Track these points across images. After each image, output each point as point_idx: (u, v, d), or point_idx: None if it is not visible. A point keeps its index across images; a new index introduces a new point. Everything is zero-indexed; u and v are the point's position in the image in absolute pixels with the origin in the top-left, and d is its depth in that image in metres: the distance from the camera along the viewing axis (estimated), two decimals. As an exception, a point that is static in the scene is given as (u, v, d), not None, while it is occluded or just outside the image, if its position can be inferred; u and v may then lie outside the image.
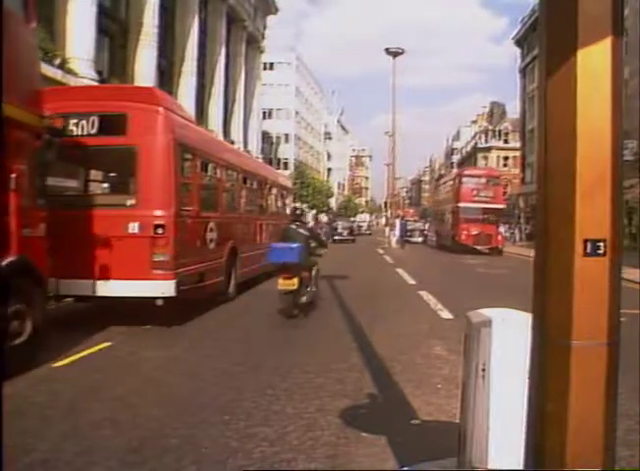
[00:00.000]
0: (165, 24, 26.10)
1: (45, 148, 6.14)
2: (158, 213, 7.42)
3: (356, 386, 5.11)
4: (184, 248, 7.86)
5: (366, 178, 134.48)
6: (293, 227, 9.11)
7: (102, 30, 20.77)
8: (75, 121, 7.58)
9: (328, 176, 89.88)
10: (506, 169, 66.50)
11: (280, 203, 16.16)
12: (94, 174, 8.62)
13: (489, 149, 68.92)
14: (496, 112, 73.46)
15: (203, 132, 12.01)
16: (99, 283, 7.31)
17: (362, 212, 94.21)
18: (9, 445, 3.09)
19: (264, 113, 53.01)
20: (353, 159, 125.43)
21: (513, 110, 62.93)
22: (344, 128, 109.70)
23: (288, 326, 8.08)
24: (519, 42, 51.87)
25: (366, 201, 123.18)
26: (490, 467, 2.76)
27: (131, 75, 22.86)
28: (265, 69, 51.56)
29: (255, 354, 6.35)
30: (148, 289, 7.39)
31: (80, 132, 7.61)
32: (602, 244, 1.75)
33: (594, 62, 1.74)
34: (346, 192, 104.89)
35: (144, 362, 6.05)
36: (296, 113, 71.30)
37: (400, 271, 16.78)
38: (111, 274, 7.30)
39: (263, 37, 43.63)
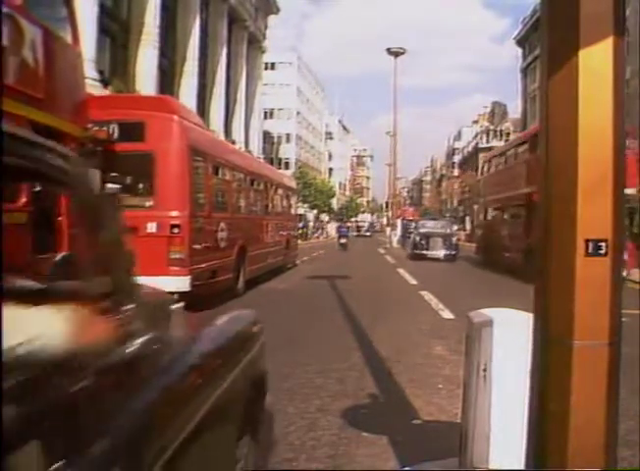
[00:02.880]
0: (166, 23, 26.11)
1: (89, 156, 6.73)
2: (174, 214, 7.98)
3: (357, 385, 5.12)
4: (197, 247, 8.39)
5: (367, 178, 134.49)
6: (343, 223, 45.04)
7: (103, 30, 20.79)
8: (97, 128, 8.05)
9: (329, 176, 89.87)
10: (507, 169, 66.57)
11: (285, 203, 16.90)
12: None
13: (490, 149, 68.81)
14: (497, 112, 73.49)
15: (214, 138, 13.09)
16: None
17: (364, 212, 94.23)
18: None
19: (265, 113, 53.02)
20: (355, 159, 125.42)
21: (515, 110, 62.93)
22: (345, 127, 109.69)
23: (289, 324, 8.08)
24: (521, 42, 51.88)
25: (367, 201, 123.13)
26: (491, 467, 2.76)
27: (132, 75, 22.88)
28: (266, 69, 51.58)
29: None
30: (164, 285, 7.58)
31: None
32: (603, 244, 1.75)
33: (595, 62, 1.74)
34: (347, 192, 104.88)
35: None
36: (298, 113, 71.32)
37: (400, 271, 16.78)
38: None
39: (264, 37, 43.64)
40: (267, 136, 55.11)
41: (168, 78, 27.00)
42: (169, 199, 8.11)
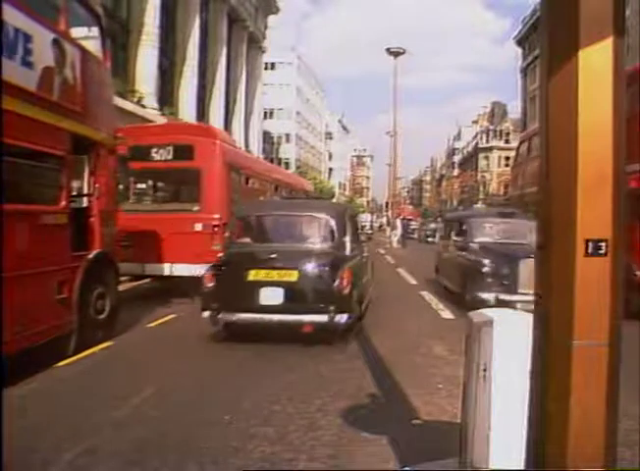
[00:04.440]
0: (166, 23, 26.07)
1: (119, 162, 7.68)
2: (215, 216, 10.08)
3: (357, 385, 5.11)
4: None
5: (367, 177, 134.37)
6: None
7: (103, 30, 20.76)
8: (156, 149, 10.42)
9: (329, 176, 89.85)
10: (507, 169, 66.62)
11: None
12: (171, 188, 11.90)
13: (490, 149, 68.92)
14: (497, 112, 73.45)
15: (246, 155, 16.57)
16: (174, 266, 10.01)
17: (363, 212, 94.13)
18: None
19: (265, 113, 52.92)
20: (355, 159, 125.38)
21: (514, 110, 62.89)
22: (345, 127, 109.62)
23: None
24: (520, 42, 51.82)
25: (367, 201, 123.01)
26: (491, 467, 2.76)
27: (132, 74, 22.86)
28: (266, 69, 51.50)
29: (258, 352, 6.35)
30: None
31: (160, 158, 10.43)
32: (603, 244, 1.75)
33: (595, 62, 1.74)
34: (347, 192, 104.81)
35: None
36: (297, 113, 71.31)
37: (400, 271, 16.77)
38: (182, 259, 9.85)
39: (264, 37, 43.57)
40: (267, 136, 55.05)
41: (168, 77, 26.93)
42: (211, 205, 10.19)
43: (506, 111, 71.36)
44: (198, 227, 9.99)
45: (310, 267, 6.73)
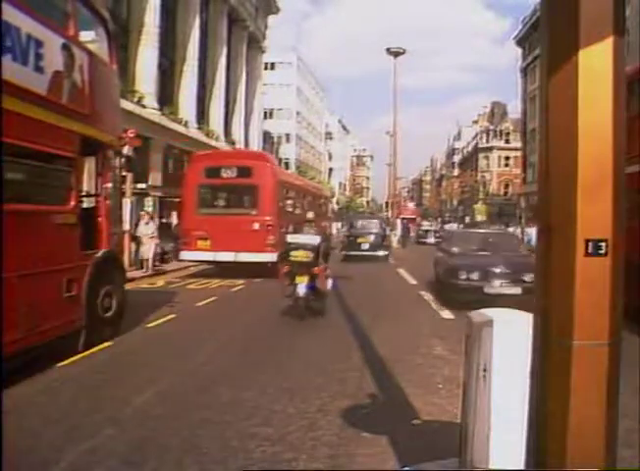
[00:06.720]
0: (166, 23, 26.05)
1: (126, 162, 8.09)
2: (268, 218, 14.00)
3: (357, 386, 5.12)
4: (280, 236, 13.06)
5: (367, 178, 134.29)
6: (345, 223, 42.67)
7: (103, 30, 20.72)
8: (225, 169, 14.60)
9: (329, 176, 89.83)
10: (507, 169, 66.64)
11: (324, 208, 26.24)
12: (236, 198, 15.86)
13: (490, 149, 68.91)
14: (497, 112, 73.41)
15: (290, 173, 27.73)
16: (238, 254, 13.76)
17: (363, 212, 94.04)
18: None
19: (265, 113, 52.89)
20: (355, 159, 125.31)
21: (514, 110, 62.84)
22: (345, 127, 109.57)
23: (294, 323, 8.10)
24: (521, 42, 51.80)
25: (367, 201, 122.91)
26: (491, 467, 2.76)
27: (132, 74, 22.87)
28: (266, 69, 51.44)
29: (258, 351, 6.36)
30: (264, 258, 13.54)
31: (228, 176, 14.56)
32: (603, 244, 1.74)
33: (595, 61, 1.74)
34: (347, 192, 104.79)
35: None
36: (298, 113, 71.26)
37: (401, 271, 16.78)
38: (244, 249, 13.61)
39: (264, 37, 43.53)
40: (267, 136, 54.98)
41: (168, 77, 26.93)
42: (265, 210, 14.14)
43: (506, 111, 71.29)
44: (256, 226, 13.77)
45: (375, 237, 21.63)
